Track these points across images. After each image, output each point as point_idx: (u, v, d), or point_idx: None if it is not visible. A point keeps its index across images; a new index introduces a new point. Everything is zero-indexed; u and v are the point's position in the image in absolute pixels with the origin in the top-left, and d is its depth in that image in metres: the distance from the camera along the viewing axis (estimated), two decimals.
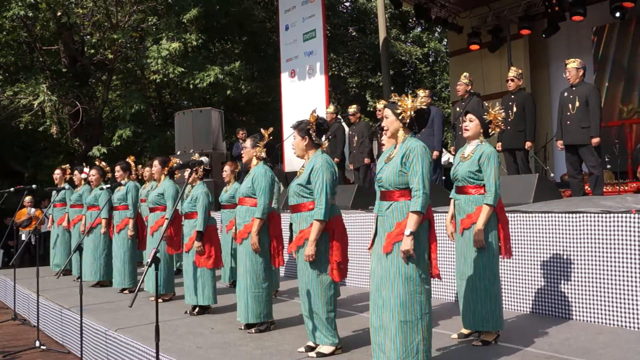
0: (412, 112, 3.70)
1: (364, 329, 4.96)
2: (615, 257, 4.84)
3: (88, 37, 18.01)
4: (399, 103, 3.74)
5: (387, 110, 3.82)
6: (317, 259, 4.20)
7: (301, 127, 4.44)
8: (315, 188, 4.25)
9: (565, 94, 7.25)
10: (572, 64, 7.11)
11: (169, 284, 6.96)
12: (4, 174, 18.10)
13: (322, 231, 4.20)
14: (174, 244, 6.66)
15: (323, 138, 4.53)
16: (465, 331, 4.59)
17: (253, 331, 5.06)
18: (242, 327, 5.20)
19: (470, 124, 4.61)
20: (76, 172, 9.30)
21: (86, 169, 9.11)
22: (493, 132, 4.64)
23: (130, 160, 7.97)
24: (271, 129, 5.37)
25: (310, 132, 4.40)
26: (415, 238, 3.53)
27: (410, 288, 3.53)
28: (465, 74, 8.54)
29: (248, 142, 5.38)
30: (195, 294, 6.00)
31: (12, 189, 8.69)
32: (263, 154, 5.28)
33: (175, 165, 7.07)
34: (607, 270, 4.87)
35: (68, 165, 9.97)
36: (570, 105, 7.13)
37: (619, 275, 4.79)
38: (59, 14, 15.80)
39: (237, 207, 5.39)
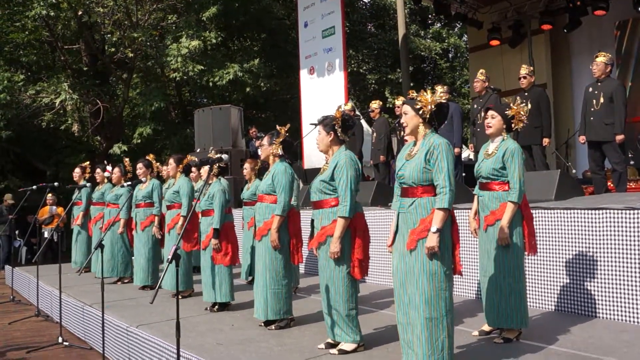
0: (433, 106, 3.68)
1: (385, 327, 4.95)
2: (638, 254, 4.76)
3: (108, 35, 18.16)
4: (419, 98, 3.71)
5: (406, 106, 3.79)
6: (339, 256, 4.19)
7: (327, 122, 4.42)
8: (339, 185, 4.23)
9: (590, 89, 7.16)
10: (602, 58, 7.01)
11: (188, 281, 7.00)
12: (26, 172, 18.32)
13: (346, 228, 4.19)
14: (189, 240, 6.69)
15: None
16: (486, 328, 4.56)
17: (273, 328, 5.07)
18: (262, 324, 5.21)
19: (493, 120, 4.57)
20: (99, 170, 9.37)
21: (109, 167, 9.18)
22: (516, 127, 4.59)
23: (150, 158, 8.01)
24: (288, 126, 5.36)
25: (336, 127, 4.39)
26: (440, 235, 3.51)
27: (435, 284, 3.51)
28: (481, 70, 8.47)
29: (265, 140, 5.37)
30: (214, 291, 6.02)
31: (34, 187, 8.79)
32: (279, 151, 5.27)
33: (191, 162, 7.12)
34: (632, 267, 4.80)
35: (88, 163, 10.04)
36: (594, 101, 7.04)
37: None
38: (80, 13, 15.94)
39: (256, 204, 5.39)
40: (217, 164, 5.91)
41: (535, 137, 7.74)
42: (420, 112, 3.69)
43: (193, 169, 7.63)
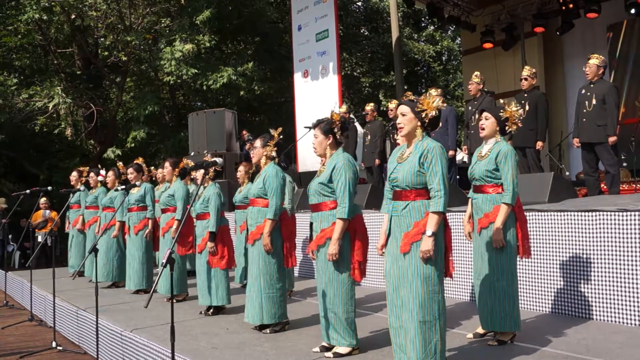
0: (436, 112, 3.68)
1: (380, 329, 4.95)
2: (632, 256, 4.78)
3: (102, 39, 18.13)
4: (421, 101, 3.70)
5: (405, 107, 3.74)
6: (339, 258, 4.18)
7: (324, 126, 4.41)
8: (337, 187, 4.23)
9: (583, 91, 7.19)
10: (594, 60, 7.04)
11: (182, 285, 6.99)
12: (19, 176, 18.28)
13: (345, 230, 4.19)
14: (184, 244, 6.68)
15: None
16: (480, 331, 4.56)
17: (268, 331, 5.06)
18: (255, 328, 5.19)
19: (486, 122, 4.57)
20: (92, 174, 9.35)
21: (102, 172, 9.16)
22: (510, 129, 4.59)
23: (139, 161, 8.00)
24: (280, 129, 5.36)
25: (335, 130, 4.39)
26: (435, 238, 3.51)
27: (428, 288, 3.51)
28: (476, 73, 8.49)
29: (258, 142, 5.36)
30: (209, 295, 6.01)
31: (27, 191, 8.76)
32: (273, 154, 5.27)
33: (186, 166, 7.11)
34: (624, 269, 4.82)
35: (86, 168, 10.02)
36: (587, 103, 7.07)
37: (636, 274, 4.74)
38: (73, 16, 15.92)
39: (248, 208, 5.38)
40: (213, 168, 5.91)
41: (530, 140, 7.75)
42: (422, 115, 3.69)
43: None
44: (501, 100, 4.84)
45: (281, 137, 5.31)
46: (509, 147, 4.44)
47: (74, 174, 9.72)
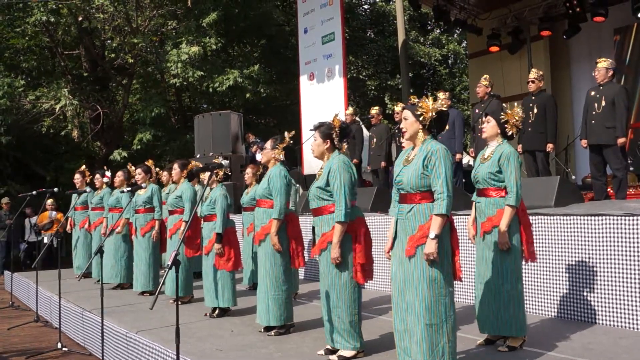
0: (433, 114, 3.68)
1: (384, 333, 4.94)
2: (638, 260, 4.76)
3: (109, 41, 18.17)
4: (420, 104, 3.72)
5: (407, 111, 3.79)
6: (341, 261, 4.18)
7: (323, 130, 4.42)
8: (334, 190, 4.22)
9: (592, 93, 7.16)
10: (603, 63, 7.03)
11: (188, 287, 7.00)
12: (26, 177, 18.30)
13: (344, 233, 4.18)
14: (192, 246, 6.69)
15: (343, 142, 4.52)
16: (490, 337, 4.50)
17: (273, 334, 5.07)
18: (262, 330, 5.20)
19: (487, 125, 4.59)
20: (98, 175, 9.37)
21: (108, 173, 9.18)
22: (511, 132, 4.58)
23: (149, 163, 8.02)
24: (293, 132, 5.39)
25: (333, 135, 4.39)
26: (439, 241, 3.51)
27: (434, 291, 3.51)
28: (485, 76, 8.48)
29: (268, 144, 5.39)
30: (216, 297, 6.02)
31: (34, 192, 8.78)
32: (281, 157, 5.28)
33: (194, 168, 7.12)
34: (631, 273, 4.80)
35: (85, 167, 9.99)
36: (595, 105, 7.04)
37: None
38: (80, 19, 15.97)
39: (255, 210, 5.40)
40: (222, 170, 5.92)
41: (540, 143, 7.72)
42: (421, 118, 3.70)
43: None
44: (503, 105, 4.84)
45: (292, 141, 5.33)
46: (512, 149, 4.43)
47: (77, 176, 9.71)
